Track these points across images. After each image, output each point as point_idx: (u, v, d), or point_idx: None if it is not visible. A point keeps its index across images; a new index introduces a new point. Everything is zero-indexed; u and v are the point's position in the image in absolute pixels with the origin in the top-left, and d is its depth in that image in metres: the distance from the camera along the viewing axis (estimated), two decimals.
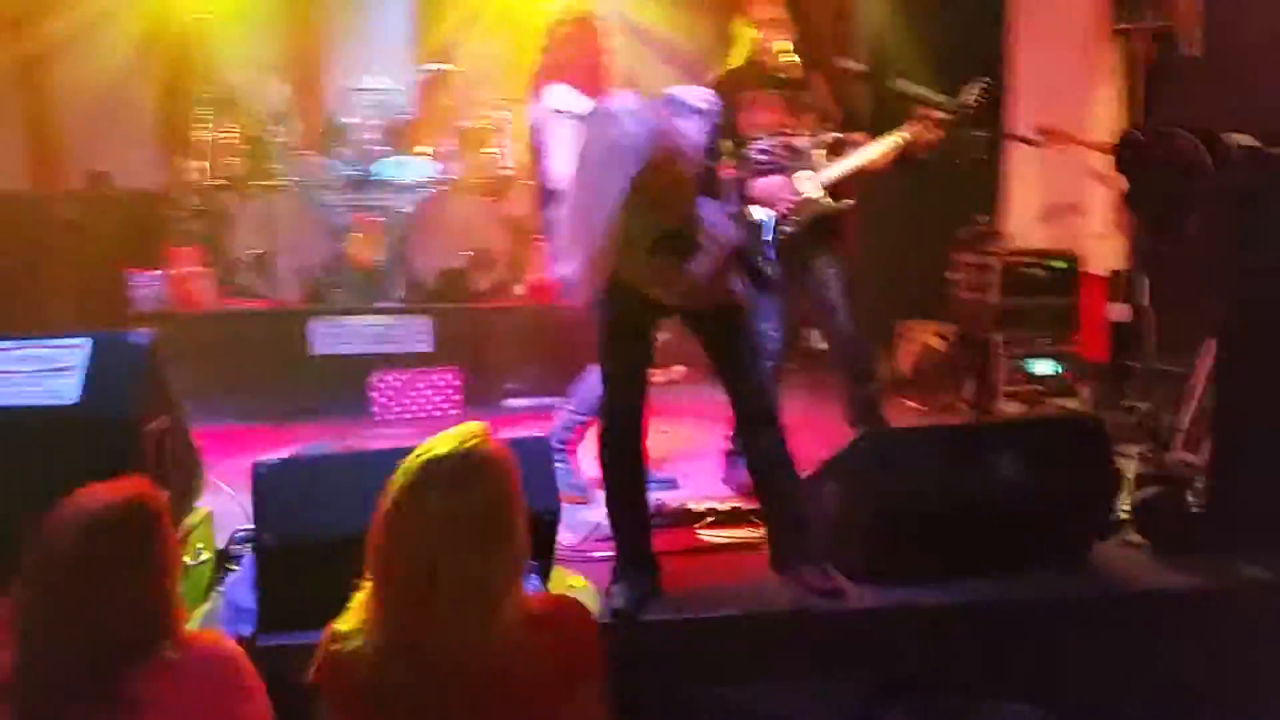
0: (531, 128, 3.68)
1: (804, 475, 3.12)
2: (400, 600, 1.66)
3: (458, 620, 1.64)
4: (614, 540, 3.05)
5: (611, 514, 3.06)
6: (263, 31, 6.88)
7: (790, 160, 3.78)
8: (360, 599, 1.72)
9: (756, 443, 3.09)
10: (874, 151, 3.76)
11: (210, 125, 6.15)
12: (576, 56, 3.62)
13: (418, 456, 1.70)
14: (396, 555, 1.65)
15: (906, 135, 3.73)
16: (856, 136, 3.88)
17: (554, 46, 3.66)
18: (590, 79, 3.59)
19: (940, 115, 3.70)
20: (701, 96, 2.81)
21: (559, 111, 3.49)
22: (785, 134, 3.75)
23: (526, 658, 1.68)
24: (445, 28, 7.13)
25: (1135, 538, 3.36)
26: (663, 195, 2.48)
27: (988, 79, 3.76)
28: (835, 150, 3.82)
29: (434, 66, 6.76)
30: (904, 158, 3.79)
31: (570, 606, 1.84)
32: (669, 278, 2.65)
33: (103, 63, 6.44)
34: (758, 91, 3.76)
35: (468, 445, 1.70)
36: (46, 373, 2.71)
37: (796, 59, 3.78)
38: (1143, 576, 3.18)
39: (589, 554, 3.22)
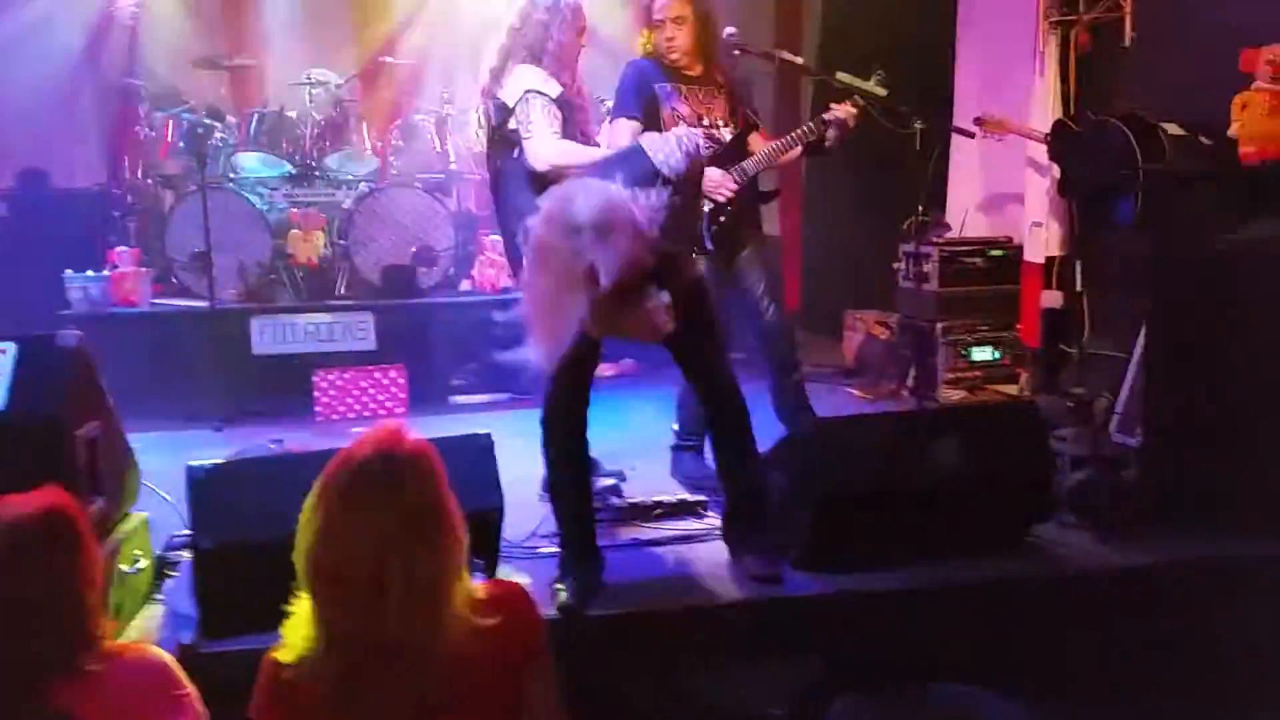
0: (496, 109, 3.54)
1: None
2: (350, 608, 1.63)
3: (412, 617, 1.62)
4: (558, 534, 3.05)
5: (556, 508, 3.06)
6: (203, 25, 6.78)
7: (715, 151, 3.79)
8: (297, 622, 1.69)
9: (724, 430, 3.12)
10: (785, 144, 3.82)
11: (148, 122, 6.04)
12: (549, 40, 3.51)
13: (339, 464, 1.68)
14: (340, 562, 1.63)
15: (810, 128, 3.81)
16: (762, 130, 3.96)
17: (526, 28, 3.54)
18: (560, 64, 3.52)
19: (844, 111, 3.77)
20: (673, 158, 2.71)
21: (534, 91, 3.42)
22: (704, 126, 3.76)
23: (479, 644, 1.68)
24: (388, 21, 7.07)
25: (1072, 519, 3.43)
26: (624, 286, 2.38)
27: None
28: (745, 143, 3.87)
29: (377, 60, 6.72)
30: (813, 149, 3.88)
31: (512, 589, 1.84)
32: (622, 324, 2.63)
33: (39, 58, 6.30)
34: (673, 85, 3.76)
35: (388, 445, 1.69)
36: None
37: (700, 54, 3.80)
38: (1080, 556, 3.24)
39: (535, 550, 3.21)
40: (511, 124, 3.49)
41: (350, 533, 1.63)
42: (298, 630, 1.67)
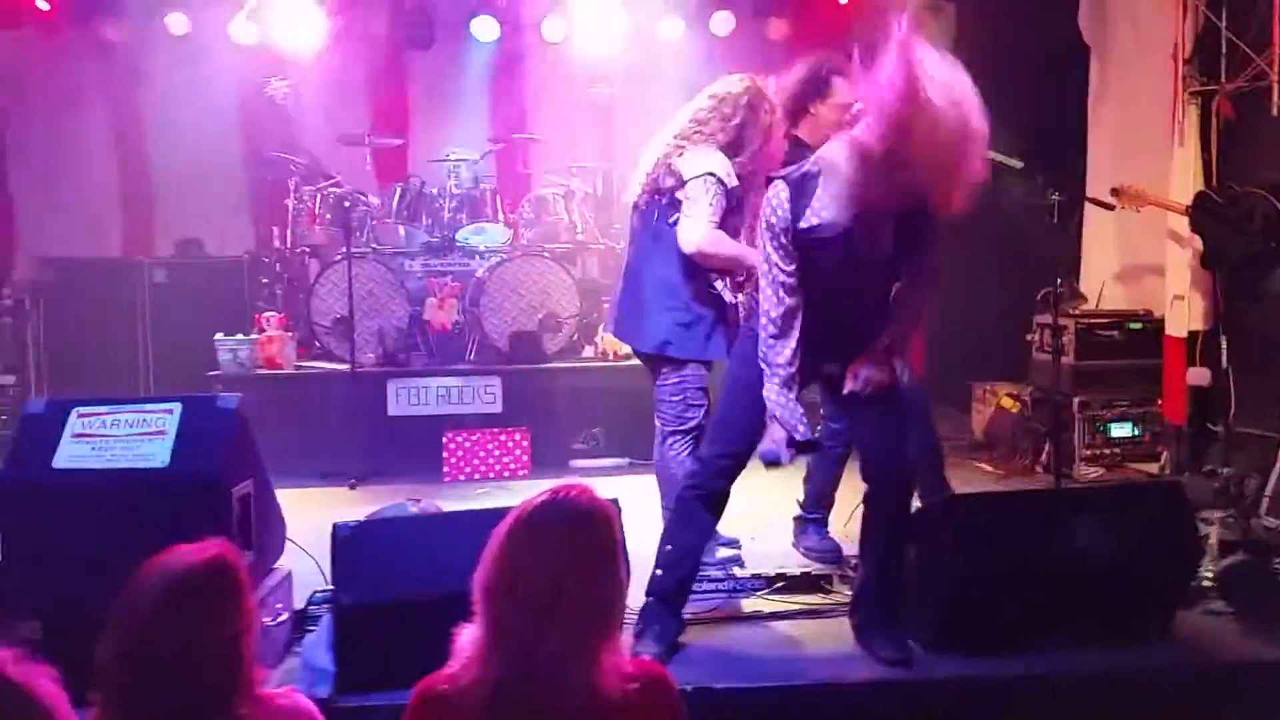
0: (671, 175, 3.52)
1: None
2: (521, 622, 1.68)
3: (577, 644, 1.68)
4: (657, 589, 3.05)
5: (670, 562, 3.06)
6: (350, 105, 7.18)
7: None
8: (462, 647, 1.74)
9: (879, 504, 3.06)
10: None
11: (297, 195, 6.39)
12: (743, 139, 3.52)
13: (529, 502, 1.80)
14: (522, 573, 1.71)
15: None
16: None
17: (720, 118, 3.53)
18: (752, 159, 3.51)
19: None
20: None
21: (713, 176, 3.43)
22: None
23: (619, 708, 1.69)
24: (519, 100, 7.37)
25: (1219, 606, 3.26)
26: None
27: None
28: None
29: (510, 137, 7.00)
30: None
31: (659, 673, 1.87)
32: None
33: (198, 136, 6.76)
34: None
35: (577, 493, 1.81)
36: (138, 436, 2.83)
37: None
38: (1229, 647, 3.09)
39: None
40: (680, 194, 3.49)
41: (536, 547, 1.72)
42: (459, 651, 1.73)
